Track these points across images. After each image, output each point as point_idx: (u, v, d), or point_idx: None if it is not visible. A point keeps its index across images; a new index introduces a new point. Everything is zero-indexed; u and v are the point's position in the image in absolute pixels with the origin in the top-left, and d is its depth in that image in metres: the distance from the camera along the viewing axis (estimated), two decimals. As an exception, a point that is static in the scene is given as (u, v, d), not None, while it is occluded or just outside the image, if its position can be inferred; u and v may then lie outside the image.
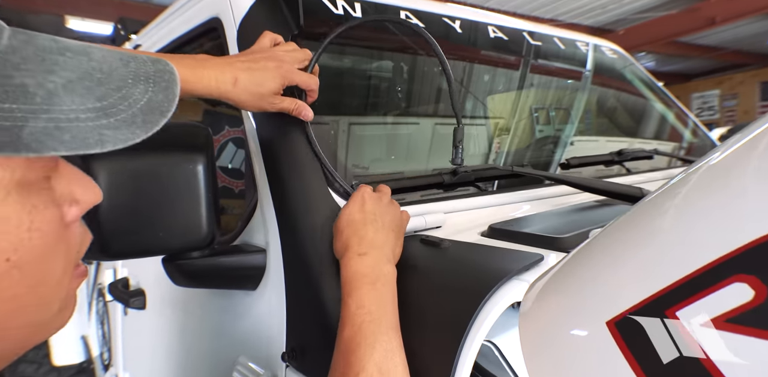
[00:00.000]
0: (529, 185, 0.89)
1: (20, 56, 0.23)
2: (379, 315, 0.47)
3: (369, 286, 0.49)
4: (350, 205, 0.58)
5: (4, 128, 0.21)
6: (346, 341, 0.45)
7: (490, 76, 1.33)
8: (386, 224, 0.57)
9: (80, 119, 0.24)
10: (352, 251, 0.53)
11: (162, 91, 0.27)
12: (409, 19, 1.05)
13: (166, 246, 0.61)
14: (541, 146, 1.37)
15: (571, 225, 0.63)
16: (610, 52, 1.57)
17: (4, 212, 0.23)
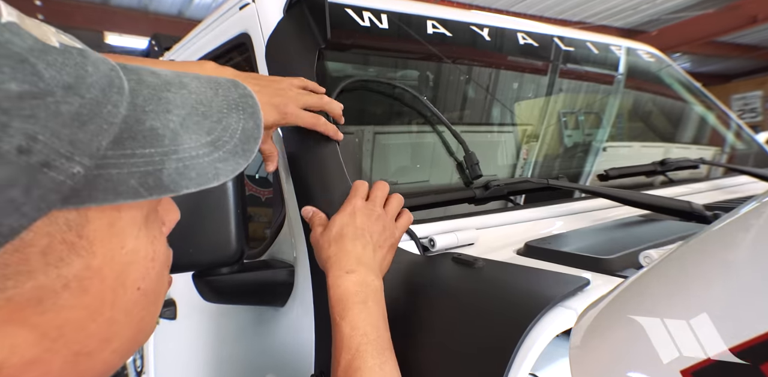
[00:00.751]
0: (563, 198, 0.85)
1: (143, 99, 0.24)
2: (374, 335, 0.46)
3: (360, 306, 0.48)
4: (339, 218, 0.56)
5: (149, 173, 0.22)
6: (345, 367, 0.44)
7: (520, 83, 1.30)
8: (375, 240, 0.55)
9: (199, 155, 0.25)
10: (339, 268, 0.52)
11: (250, 117, 0.28)
12: (435, 28, 1.03)
13: (196, 262, 0.61)
14: (571, 154, 1.32)
15: (616, 244, 0.60)
16: (645, 54, 1.51)
17: (137, 246, 0.25)
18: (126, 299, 0.24)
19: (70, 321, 0.22)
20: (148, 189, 0.22)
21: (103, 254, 0.23)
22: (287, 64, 0.76)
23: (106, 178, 0.21)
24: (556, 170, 1.24)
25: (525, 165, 1.16)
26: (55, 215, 0.20)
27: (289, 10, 0.80)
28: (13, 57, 0.18)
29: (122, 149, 0.22)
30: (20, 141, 0.18)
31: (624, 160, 1.42)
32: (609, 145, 1.38)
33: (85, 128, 0.20)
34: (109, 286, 0.23)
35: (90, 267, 0.22)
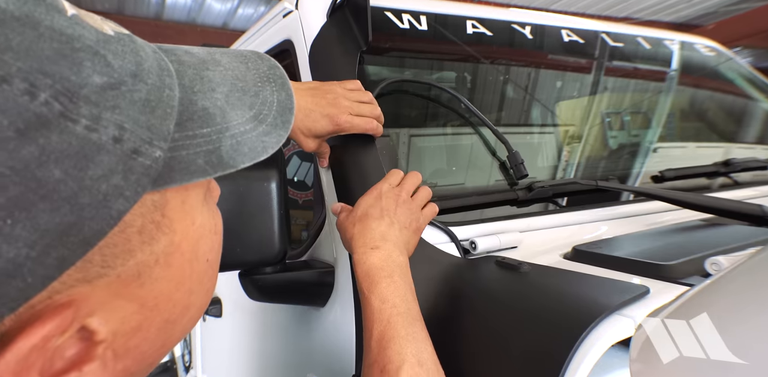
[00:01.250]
0: (611, 201, 0.80)
1: (188, 79, 0.25)
2: (404, 307, 0.47)
3: (387, 279, 0.49)
4: (365, 199, 0.57)
5: (212, 152, 0.24)
6: (378, 338, 0.45)
7: (564, 82, 1.25)
8: (401, 222, 0.55)
9: (247, 130, 0.25)
10: (363, 244, 0.52)
11: (282, 89, 0.29)
12: (476, 28, 1.02)
13: (243, 261, 0.63)
14: (618, 155, 1.25)
15: (676, 249, 0.56)
16: (703, 48, 1.41)
17: (203, 221, 0.26)
18: (199, 270, 0.26)
19: (162, 292, 0.24)
20: (213, 167, 0.24)
21: (181, 230, 0.25)
22: (330, 68, 0.77)
23: (179, 160, 0.22)
24: (600, 173, 1.18)
25: (567, 167, 1.12)
26: (144, 197, 0.22)
27: (333, 15, 0.82)
28: (87, 50, 0.19)
29: (185, 131, 0.23)
30: (113, 131, 0.19)
31: (677, 161, 1.33)
32: (660, 146, 1.30)
33: (155, 114, 0.21)
34: (187, 259, 0.25)
35: (173, 243, 0.24)
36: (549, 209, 0.78)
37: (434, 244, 0.62)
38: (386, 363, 0.42)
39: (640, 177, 1.12)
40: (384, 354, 0.43)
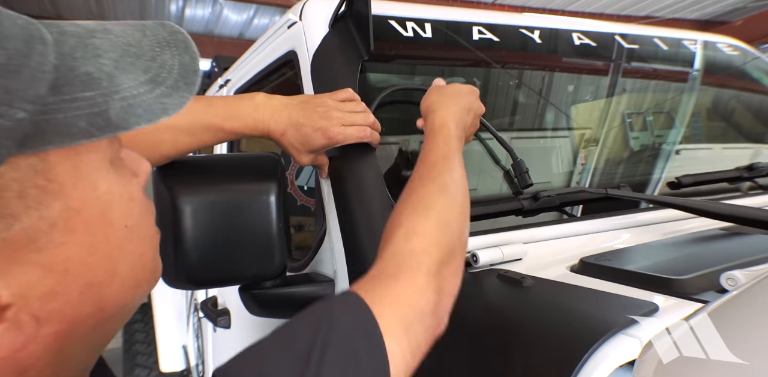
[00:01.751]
0: (626, 209, 0.77)
1: (69, 47, 0.25)
2: (459, 152, 0.56)
3: (457, 138, 0.58)
4: (470, 91, 0.66)
5: (96, 114, 0.24)
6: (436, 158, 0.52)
7: (576, 86, 1.22)
8: (473, 110, 0.66)
9: (141, 93, 0.26)
10: (453, 115, 0.60)
11: (185, 52, 0.29)
12: (482, 34, 1.00)
13: (242, 276, 0.63)
14: (638, 158, 1.21)
15: (690, 262, 0.52)
16: (726, 47, 1.35)
17: (110, 188, 0.27)
18: (117, 236, 0.27)
19: (71, 257, 0.24)
20: (100, 129, 0.24)
21: (78, 196, 0.25)
22: (331, 78, 0.77)
23: (54, 123, 0.22)
24: (619, 177, 1.14)
25: (583, 171, 1.08)
26: (16, 161, 0.22)
27: (335, 25, 0.82)
28: None
29: (62, 95, 0.23)
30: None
31: (701, 164, 1.28)
32: (683, 147, 1.25)
33: (18, 78, 0.21)
34: (96, 225, 0.26)
35: (70, 208, 0.24)
36: (558, 218, 0.76)
37: (434, 257, 0.61)
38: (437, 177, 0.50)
39: (661, 182, 1.08)
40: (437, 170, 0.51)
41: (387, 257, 0.42)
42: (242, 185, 0.62)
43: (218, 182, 0.61)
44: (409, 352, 0.36)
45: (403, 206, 0.47)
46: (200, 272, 0.58)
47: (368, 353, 0.33)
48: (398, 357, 0.34)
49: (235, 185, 0.62)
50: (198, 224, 0.58)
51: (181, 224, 0.57)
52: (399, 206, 0.48)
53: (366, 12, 0.75)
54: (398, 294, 0.38)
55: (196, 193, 0.58)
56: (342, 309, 0.36)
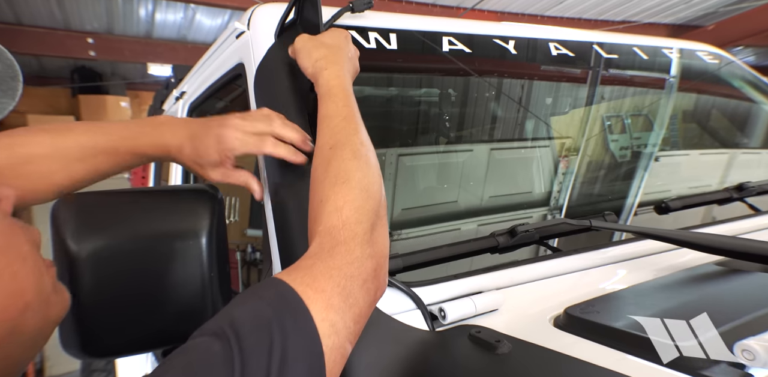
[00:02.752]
0: (608, 243, 0.70)
1: None
2: (358, 114, 0.53)
3: (352, 97, 0.55)
4: (342, 34, 0.63)
5: None
6: (333, 126, 0.50)
7: (555, 96, 1.16)
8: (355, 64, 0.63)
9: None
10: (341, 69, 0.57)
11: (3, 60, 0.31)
12: (453, 44, 0.92)
13: (162, 339, 0.52)
14: (618, 167, 1.16)
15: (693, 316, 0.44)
16: (703, 54, 1.31)
17: None
18: None
19: None
20: None
21: None
22: (275, 94, 0.67)
23: None
24: (599, 188, 1.10)
25: (564, 180, 1.03)
26: None
27: (281, 35, 0.72)
28: None
29: None
30: None
31: (681, 170, 1.24)
32: (662, 154, 1.21)
33: None
34: None
35: None
36: (534, 255, 0.68)
37: (395, 313, 0.51)
38: (334, 144, 0.49)
39: (640, 193, 1.03)
40: (335, 137, 0.49)
41: (323, 232, 0.42)
42: (163, 225, 0.52)
43: (129, 222, 0.50)
44: (352, 320, 0.37)
45: (323, 177, 0.46)
46: (102, 338, 0.48)
47: (295, 331, 0.34)
48: (341, 327, 0.36)
49: (154, 226, 0.52)
50: (100, 276, 0.47)
51: (77, 276, 0.46)
52: (319, 178, 0.47)
53: (316, 20, 0.66)
54: (338, 268, 0.39)
55: (96, 235, 0.48)
56: (266, 299, 0.35)
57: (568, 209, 0.99)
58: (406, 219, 0.87)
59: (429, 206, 0.96)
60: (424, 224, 0.89)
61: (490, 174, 1.04)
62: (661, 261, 0.67)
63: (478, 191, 1.01)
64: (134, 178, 2.22)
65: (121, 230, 0.49)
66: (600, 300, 0.53)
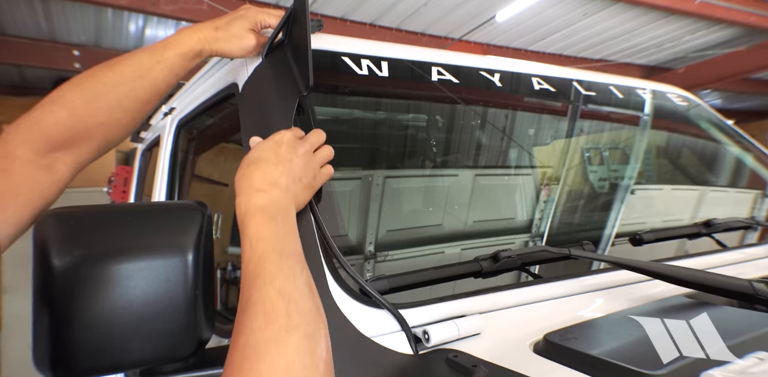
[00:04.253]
0: (586, 272, 0.72)
1: None
2: (279, 246, 0.44)
3: (268, 219, 0.46)
4: (265, 143, 0.54)
5: None
6: (248, 275, 0.43)
7: (536, 129, 1.21)
8: (295, 173, 0.52)
9: None
10: (250, 186, 0.49)
11: None
12: (441, 75, 0.96)
13: (141, 359, 0.50)
14: (597, 198, 1.21)
15: (662, 346, 0.46)
16: (673, 96, 1.40)
17: None
18: None
19: None
20: None
21: None
22: (261, 115, 0.68)
23: None
24: (579, 217, 1.14)
25: (545, 208, 1.07)
26: None
27: (270, 54, 0.73)
28: None
29: None
30: None
31: (654, 204, 1.29)
32: (638, 188, 1.26)
33: None
34: None
35: None
36: (516, 280, 0.69)
37: (379, 335, 0.51)
38: (246, 301, 0.40)
39: (617, 224, 1.07)
40: (247, 292, 0.41)
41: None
42: (149, 241, 0.51)
43: (113, 237, 0.50)
44: None
45: (234, 344, 0.39)
46: (78, 357, 0.46)
47: None
48: None
49: (139, 242, 0.51)
50: (80, 292, 0.46)
51: (55, 292, 0.45)
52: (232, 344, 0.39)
53: (304, 41, 0.67)
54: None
55: (79, 251, 0.47)
56: None
57: (549, 236, 1.02)
58: (391, 241, 0.88)
59: (414, 228, 0.97)
60: (409, 247, 0.90)
61: (474, 199, 1.07)
62: (635, 291, 0.69)
63: (462, 216, 1.03)
64: (114, 192, 2.17)
65: (105, 245, 0.49)
66: (578, 327, 0.54)
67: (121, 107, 0.56)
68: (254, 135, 0.60)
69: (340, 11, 4.19)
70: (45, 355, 0.45)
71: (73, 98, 0.54)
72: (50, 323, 0.45)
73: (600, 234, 1.04)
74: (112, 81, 0.56)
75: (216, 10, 3.52)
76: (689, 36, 5.15)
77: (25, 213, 0.51)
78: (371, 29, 4.51)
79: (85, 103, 0.54)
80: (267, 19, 0.68)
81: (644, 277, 0.70)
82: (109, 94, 0.55)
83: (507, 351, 0.51)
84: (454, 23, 4.59)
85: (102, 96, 0.55)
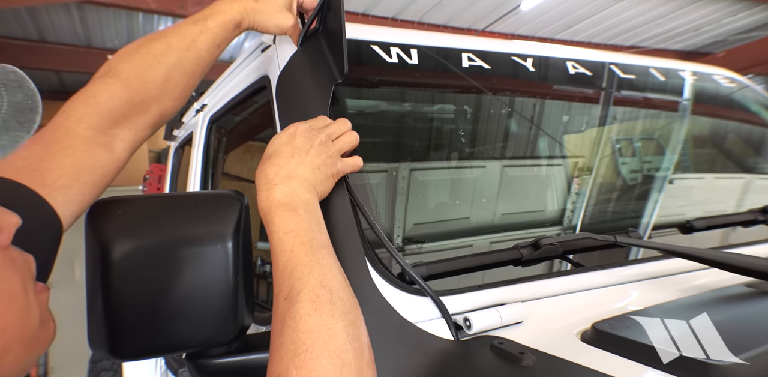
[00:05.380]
0: (633, 260, 0.68)
1: None
2: (308, 237, 0.45)
3: (291, 212, 0.46)
4: (278, 136, 0.54)
5: None
6: (282, 268, 0.43)
7: (571, 114, 1.17)
8: (312, 163, 0.51)
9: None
10: (267, 181, 0.49)
11: (18, 90, 0.28)
12: (472, 61, 0.94)
13: (188, 342, 0.52)
14: (631, 188, 1.15)
15: (726, 335, 0.43)
16: (719, 78, 1.32)
17: None
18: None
19: None
20: None
21: None
22: (297, 102, 0.69)
23: None
24: (614, 207, 1.09)
25: (577, 199, 1.03)
26: None
27: (304, 44, 0.74)
28: None
29: None
30: None
31: (696, 193, 1.23)
32: (676, 177, 1.20)
33: None
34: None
35: None
36: (557, 269, 0.67)
37: (420, 321, 0.51)
38: (289, 290, 0.41)
39: (655, 214, 1.02)
40: (287, 282, 0.42)
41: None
42: (191, 229, 0.52)
43: (159, 226, 0.51)
44: None
45: (279, 343, 0.39)
46: (131, 342, 0.48)
47: None
48: None
49: (182, 229, 0.52)
50: (131, 279, 0.47)
51: (110, 279, 0.47)
52: (276, 343, 0.40)
53: (339, 29, 0.67)
54: None
55: (130, 239, 0.48)
56: None
57: (583, 228, 0.98)
58: (418, 234, 0.87)
59: (441, 221, 0.96)
60: (436, 240, 0.88)
61: (504, 191, 1.05)
62: (686, 281, 0.65)
63: (491, 208, 1.01)
64: (149, 189, 2.25)
65: (153, 233, 0.50)
66: (629, 316, 0.52)
67: (172, 78, 0.56)
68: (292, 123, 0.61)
69: (361, 7, 4.18)
70: (100, 339, 0.46)
71: (125, 69, 0.54)
72: (104, 308, 0.46)
73: (637, 224, 1.00)
74: (161, 52, 0.55)
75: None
76: (729, 18, 4.87)
77: (87, 192, 0.51)
78: (393, 23, 4.48)
79: (137, 74, 0.54)
80: None
81: (693, 266, 0.66)
82: (159, 65, 0.55)
83: (553, 340, 0.50)
84: (477, 14, 4.51)
85: (153, 67, 0.55)
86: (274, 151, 0.52)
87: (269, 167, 0.50)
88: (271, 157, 0.51)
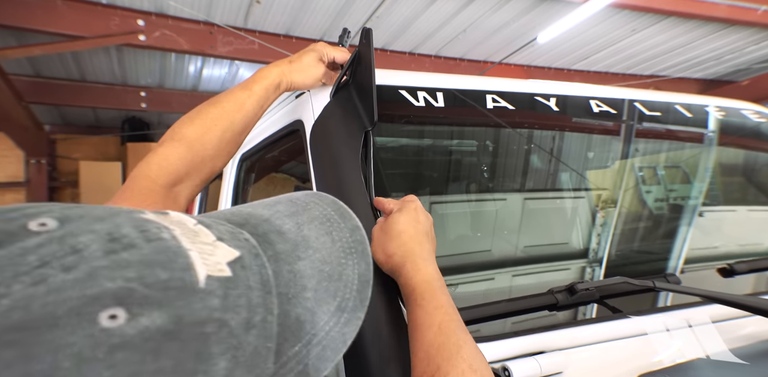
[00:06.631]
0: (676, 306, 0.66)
1: (284, 283, 0.23)
2: (456, 316, 0.46)
3: (442, 289, 0.48)
4: (409, 215, 0.56)
5: (300, 372, 0.22)
6: (429, 343, 0.43)
7: (596, 152, 1.17)
8: (431, 235, 0.56)
9: (331, 327, 0.24)
10: (419, 256, 0.51)
11: (362, 257, 0.28)
12: (496, 102, 0.97)
13: None
14: (658, 221, 1.13)
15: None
16: (749, 112, 1.31)
17: None
18: None
19: None
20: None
21: None
22: (331, 146, 0.72)
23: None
24: (641, 241, 1.07)
25: (602, 232, 1.02)
26: None
27: (337, 94, 0.78)
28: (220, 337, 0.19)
29: (281, 357, 0.21)
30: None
31: (729, 227, 1.19)
32: (707, 210, 1.17)
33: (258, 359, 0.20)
34: None
35: None
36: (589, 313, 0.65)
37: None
38: (434, 371, 0.40)
39: (685, 248, 0.99)
40: (433, 362, 0.41)
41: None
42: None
43: None
44: None
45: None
46: None
47: None
48: None
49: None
50: None
51: None
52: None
53: (369, 80, 0.71)
54: None
55: None
56: None
57: (610, 261, 0.96)
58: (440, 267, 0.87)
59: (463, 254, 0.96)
60: (458, 273, 0.88)
61: (524, 224, 1.04)
62: (732, 329, 0.63)
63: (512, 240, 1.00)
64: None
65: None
66: (677, 368, 0.50)
67: (225, 138, 0.62)
68: (325, 170, 0.63)
69: (380, 42, 4.35)
70: None
71: (188, 134, 0.60)
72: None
73: (667, 259, 0.97)
74: (216, 116, 0.62)
75: (265, 49, 3.76)
76: (752, 46, 4.85)
77: None
78: (410, 57, 4.63)
79: (198, 137, 0.60)
80: (332, 52, 0.76)
81: (736, 313, 0.64)
82: (215, 127, 0.61)
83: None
84: (493, 47, 4.62)
85: (210, 130, 0.61)
86: (415, 230, 0.54)
87: (415, 247, 0.52)
88: (412, 237, 0.53)
